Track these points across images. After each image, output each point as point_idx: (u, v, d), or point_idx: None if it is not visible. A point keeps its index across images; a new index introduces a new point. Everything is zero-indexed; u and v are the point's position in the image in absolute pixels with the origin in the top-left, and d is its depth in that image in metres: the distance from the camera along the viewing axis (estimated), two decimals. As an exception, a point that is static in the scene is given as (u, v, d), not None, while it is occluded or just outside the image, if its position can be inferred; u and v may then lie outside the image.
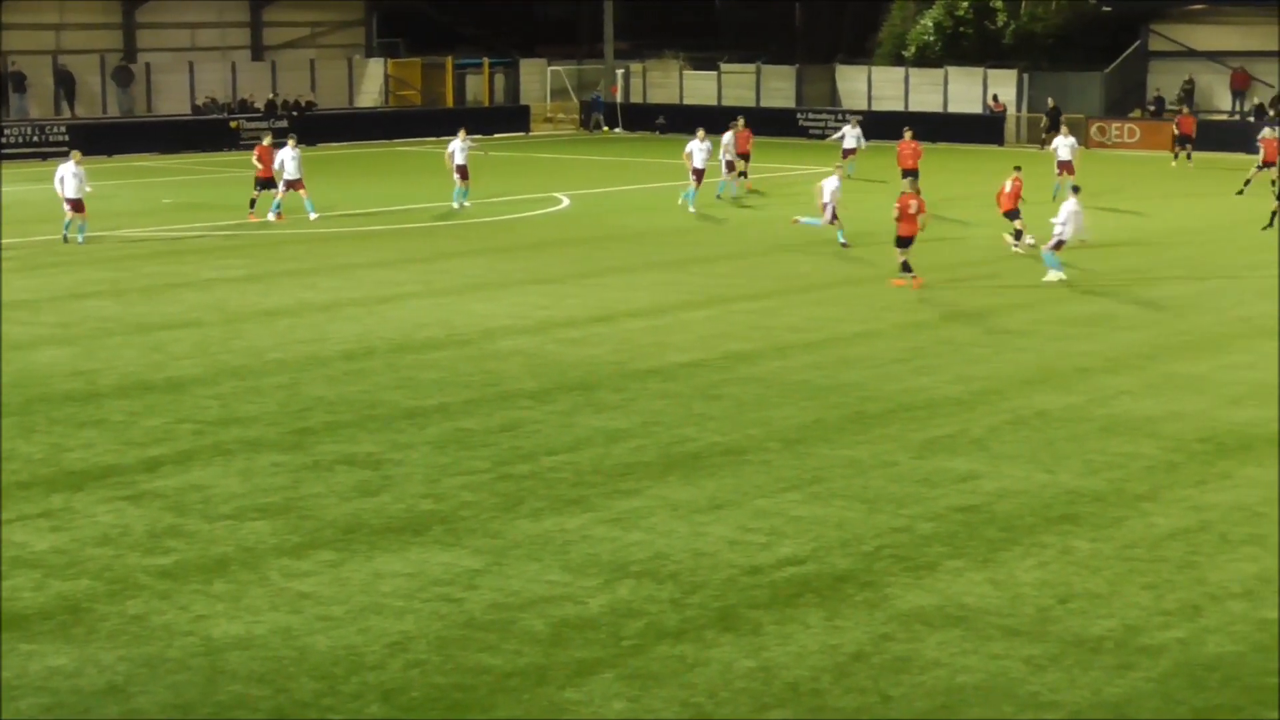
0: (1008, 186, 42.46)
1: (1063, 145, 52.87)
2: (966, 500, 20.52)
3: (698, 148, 51.39)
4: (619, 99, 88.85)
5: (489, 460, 22.41)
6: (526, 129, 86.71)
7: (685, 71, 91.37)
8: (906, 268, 36.41)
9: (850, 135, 63.19)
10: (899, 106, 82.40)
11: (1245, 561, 18.20)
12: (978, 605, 16.82)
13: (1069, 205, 37.90)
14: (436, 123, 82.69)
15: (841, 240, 42.40)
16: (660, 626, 16.28)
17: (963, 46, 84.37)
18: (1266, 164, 54.93)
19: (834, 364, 28.67)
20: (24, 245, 43.50)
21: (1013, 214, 42.35)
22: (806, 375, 27.75)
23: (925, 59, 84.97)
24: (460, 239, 45.49)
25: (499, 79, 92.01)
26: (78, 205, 43.65)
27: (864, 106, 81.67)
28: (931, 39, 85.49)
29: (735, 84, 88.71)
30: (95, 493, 20.92)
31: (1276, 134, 56.69)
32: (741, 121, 58.52)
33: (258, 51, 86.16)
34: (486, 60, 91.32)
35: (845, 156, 62.18)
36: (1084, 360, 28.87)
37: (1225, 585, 17.41)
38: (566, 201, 54.14)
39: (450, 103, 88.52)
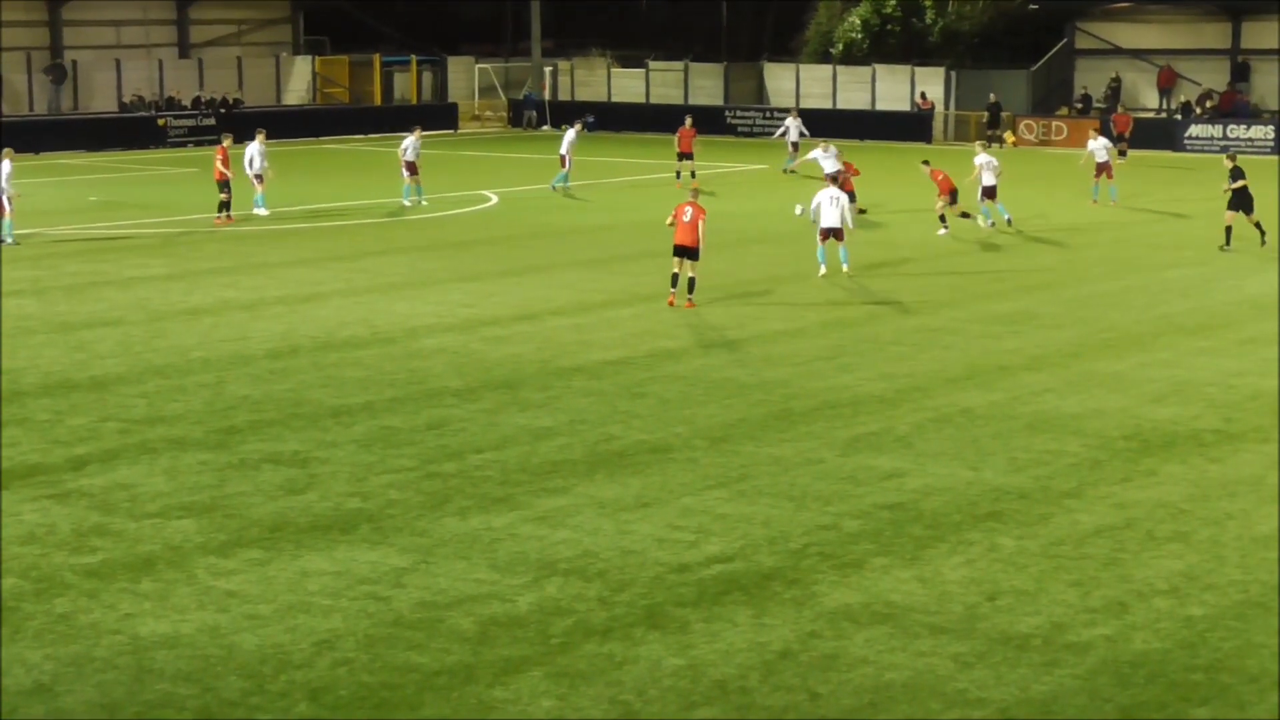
0: (938, 177, 44.16)
1: (1099, 147, 52.85)
2: (892, 498, 20.59)
3: (823, 156, 50.04)
4: (547, 97, 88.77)
5: (415, 459, 22.36)
6: (454, 127, 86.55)
7: (613, 69, 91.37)
8: (674, 281, 33.86)
9: (793, 128, 63.27)
10: (827, 104, 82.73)
11: (1170, 559, 18.32)
12: (905, 603, 16.88)
13: (821, 194, 37.62)
14: (364, 120, 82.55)
15: (1005, 218, 45.75)
16: (588, 625, 16.28)
17: (889, 44, 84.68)
18: None
19: (758, 362, 28.72)
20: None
21: (951, 198, 43.83)
22: (731, 373, 27.79)
23: (852, 57, 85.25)
24: (385, 237, 45.35)
25: (426, 77, 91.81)
26: None
27: (792, 104, 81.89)
28: (859, 37, 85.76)
29: (663, 82, 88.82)
30: (20, 491, 20.76)
31: None
32: (689, 120, 58.76)
33: (184, 49, 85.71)
34: (414, 58, 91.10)
35: (793, 150, 62.22)
36: (1008, 358, 29.02)
37: (1150, 582, 17.52)
38: (495, 199, 54.05)
39: (378, 100, 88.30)
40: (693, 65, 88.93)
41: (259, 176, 48.40)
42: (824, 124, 72.13)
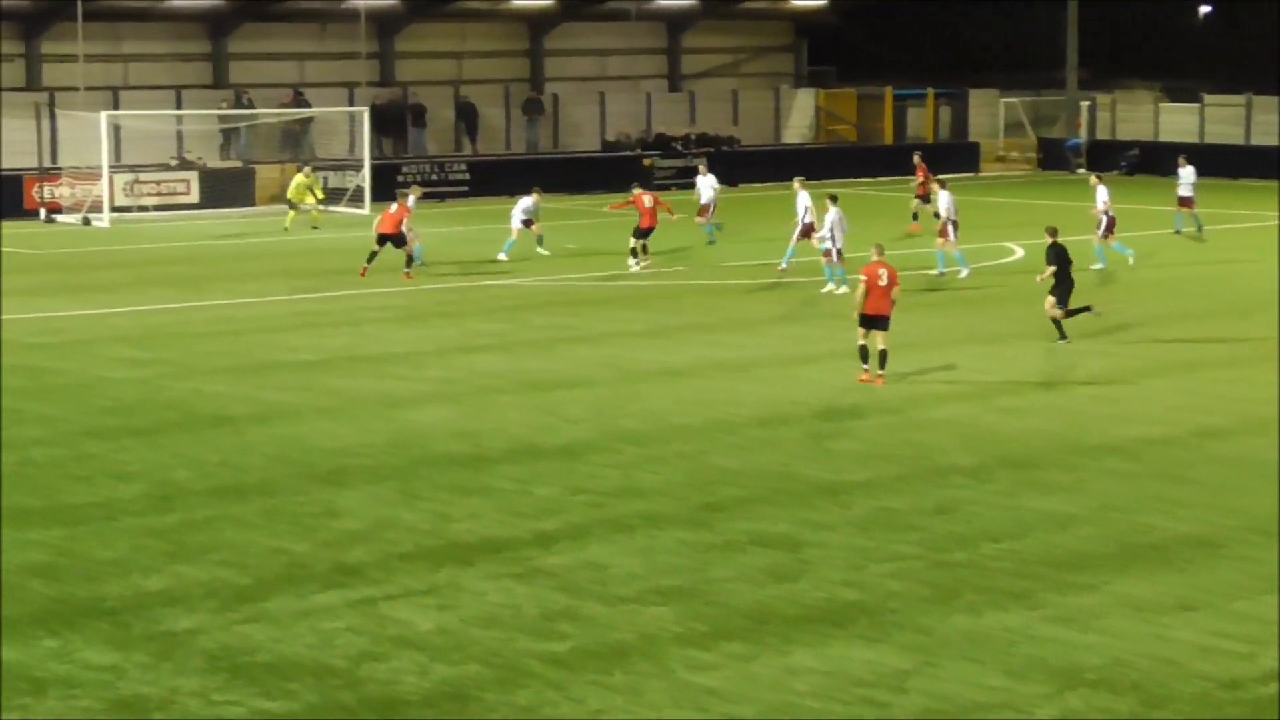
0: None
1: None
2: None
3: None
4: (1083, 135, 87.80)
5: (919, 545, 22.32)
6: (975, 169, 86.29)
7: (1160, 104, 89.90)
8: (865, 356, 32.65)
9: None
10: None
11: None
12: None
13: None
14: (873, 161, 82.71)
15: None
16: (1117, 744, 16.02)
17: None
18: None
19: (1325, 444, 27.90)
20: (410, 294, 44.84)
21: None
22: (1292, 456, 27.06)
23: None
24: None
25: (944, 112, 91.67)
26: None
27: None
28: None
29: (1219, 119, 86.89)
30: (483, 568, 21.37)
31: None
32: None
33: (674, 81, 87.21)
34: (930, 91, 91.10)
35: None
36: None
37: None
38: (1020, 252, 53.61)
39: (889, 139, 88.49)
40: (1255, 99, 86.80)
41: (528, 222, 51.24)
42: None
